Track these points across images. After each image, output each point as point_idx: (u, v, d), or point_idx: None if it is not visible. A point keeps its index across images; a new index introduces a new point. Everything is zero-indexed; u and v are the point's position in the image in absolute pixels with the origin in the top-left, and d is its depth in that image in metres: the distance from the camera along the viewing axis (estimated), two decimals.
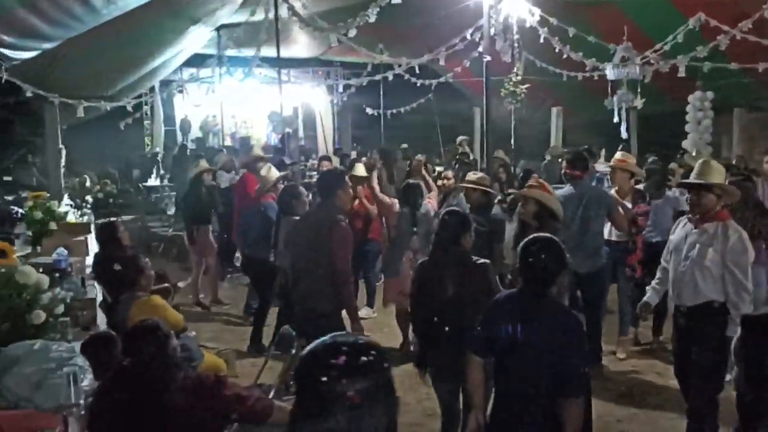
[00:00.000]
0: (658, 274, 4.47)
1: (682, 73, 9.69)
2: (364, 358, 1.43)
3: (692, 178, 4.12)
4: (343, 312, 4.54)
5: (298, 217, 5.46)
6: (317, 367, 1.42)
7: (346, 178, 4.71)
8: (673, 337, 4.43)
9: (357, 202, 6.87)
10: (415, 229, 5.92)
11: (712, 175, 4.06)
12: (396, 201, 6.51)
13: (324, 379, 1.40)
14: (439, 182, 6.90)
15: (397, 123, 17.28)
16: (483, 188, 5.84)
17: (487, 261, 3.83)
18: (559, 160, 10.11)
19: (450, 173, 7.17)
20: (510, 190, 6.27)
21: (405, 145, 13.11)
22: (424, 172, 7.58)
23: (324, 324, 4.38)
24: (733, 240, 3.93)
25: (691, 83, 12.27)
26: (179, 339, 4.19)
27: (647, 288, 4.59)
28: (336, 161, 9.47)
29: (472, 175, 6.02)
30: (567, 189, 5.73)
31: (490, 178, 6.32)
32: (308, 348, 1.49)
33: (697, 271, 4.00)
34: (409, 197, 6.10)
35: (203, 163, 8.70)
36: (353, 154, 14.40)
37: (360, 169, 7.36)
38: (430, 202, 6.29)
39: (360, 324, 4.54)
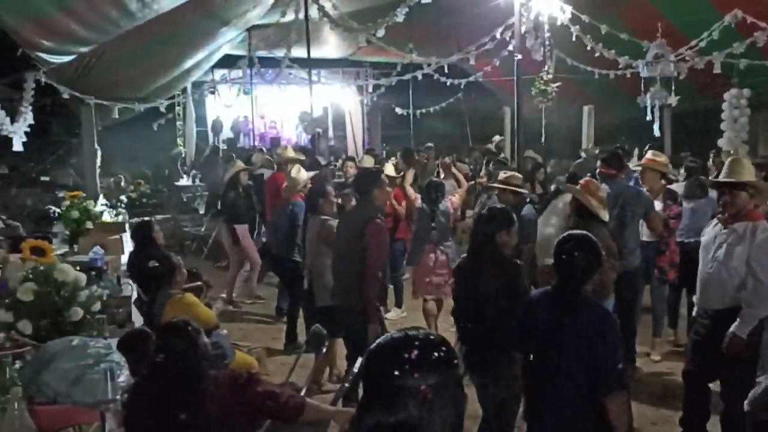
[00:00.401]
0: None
1: (717, 70, 9.52)
2: (435, 354, 1.42)
3: (723, 177, 4.01)
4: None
5: (324, 217, 5.53)
6: (389, 360, 1.42)
7: (383, 177, 4.78)
8: (691, 340, 4.29)
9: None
10: (433, 224, 6.21)
11: (743, 173, 3.95)
12: (419, 197, 6.81)
13: (396, 373, 1.39)
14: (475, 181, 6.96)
15: (427, 122, 17.26)
16: (513, 188, 5.80)
17: (519, 261, 3.79)
18: (594, 159, 10.00)
19: (483, 172, 7.21)
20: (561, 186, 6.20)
21: (430, 144, 13.07)
22: (454, 170, 7.59)
23: (359, 321, 4.44)
24: (760, 239, 3.81)
25: (726, 80, 12.02)
26: (211, 337, 4.25)
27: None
28: (370, 161, 9.45)
29: (502, 175, 5.99)
30: (605, 186, 5.64)
31: (522, 178, 6.31)
32: (378, 342, 1.49)
33: (724, 272, 3.90)
34: (431, 194, 6.39)
35: (239, 163, 8.80)
36: (383, 154, 14.43)
37: (389, 169, 7.37)
38: (451, 200, 6.54)
39: (376, 324, 4.49)
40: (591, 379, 2.84)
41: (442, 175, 10.27)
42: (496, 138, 14.59)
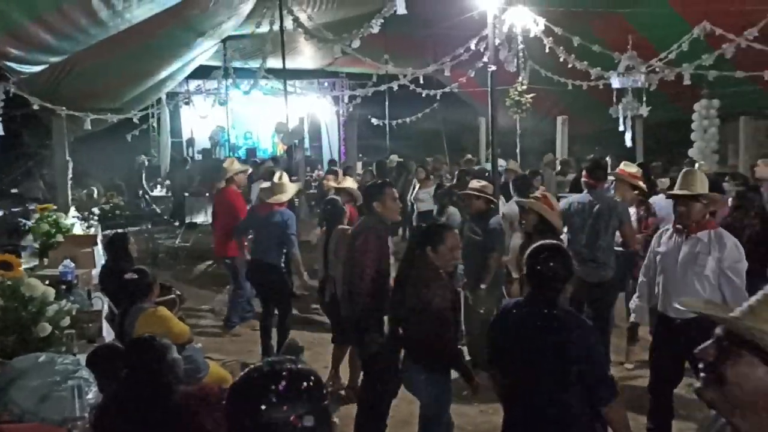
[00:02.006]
0: (640, 291, 4.39)
1: (687, 81, 9.70)
2: (304, 384, 1.41)
3: (677, 189, 4.07)
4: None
5: (344, 227, 5.57)
6: (255, 394, 1.39)
7: (387, 189, 4.68)
8: (655, 350, 4.30)
9: None
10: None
11: (696, 184, 4.02)
12: None
13: (263, 407, 1.37)
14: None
15: (403, 133, 17.33)
16: (486, 196, 5.84)
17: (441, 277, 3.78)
18: (552, 169, 10.15)
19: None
20: (518, 200, 6.24)
21: (395, 156, 13.16)
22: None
23: (356, 330, 4.48)
24: (730, 246, 3.90)
25: (696, 91, 12.26)
26: (185, 350, 4.21)
27: (631, 307, 4.49)
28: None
29: (475, 183, 6.04)
30: (582, 196, 5.69)
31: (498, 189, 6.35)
32: (244, 374, 1.46)
33: (696, 281, 3.94)
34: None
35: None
36: (359, 166, 14.45)
37: (349, 183, 7.22)
38: None
39: (375, 334, 4.49)
40: (576, 392, 2.82)
41: (417, 187, 10.34)
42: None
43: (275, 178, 6.74)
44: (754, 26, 8.87)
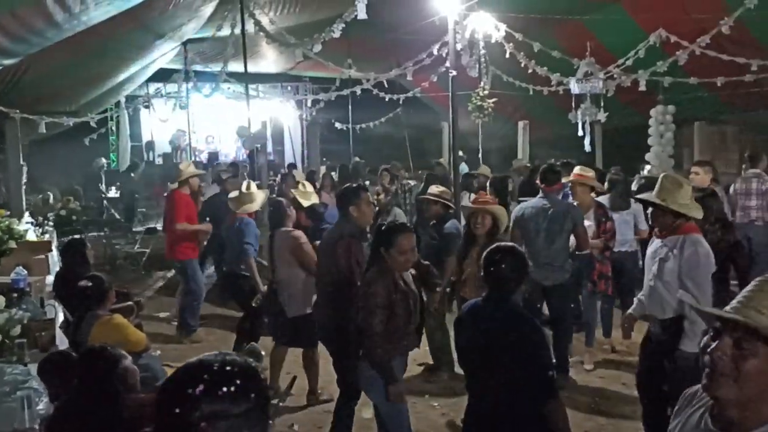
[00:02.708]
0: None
1: (643, 88, 9.90)
2: (225, 388, 1.32)
3: (653, 196, 4.01)
4: None
5: (288, 229, 5.54)
6: (175, 395, 1.32)
7: (362, 194, 4.66)
8: (643, 347, 4.36)
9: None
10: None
11: (672, 193, 3.97)
12: None
13: (177, 410, 1.30)
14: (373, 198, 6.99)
15: (366, 137, 17.35)
16: (444, 201, 5.89)
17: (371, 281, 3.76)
18: (519, 175, 10.26)
19: (380, 189, 7.25)
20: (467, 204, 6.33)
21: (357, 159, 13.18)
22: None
23: (337, 337, 4.45)
24: (688, 253, 3.88)
25: (653, 98, 12.54)
26: (141, 358, 4.13)
27: (635, 299, 4.47)
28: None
29: (434, 188, 6.08)
30: (536, 201, 5.77)
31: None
32: (173, 373, 1.39)
33: (660, 285, 3.99)
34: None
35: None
36: (323, 169, 14.39)
37: (313, 198, 7.15)
38: None
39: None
40: (524, 389, 2.87)
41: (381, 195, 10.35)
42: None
43: (243, 188, 6.65)
44: (707, 34, 9.10)
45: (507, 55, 10.67)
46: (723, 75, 10.21)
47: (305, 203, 6.99)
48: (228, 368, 1.36)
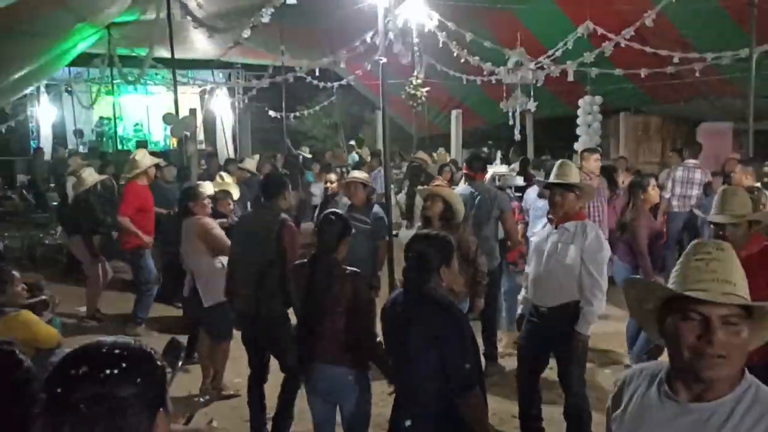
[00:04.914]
0: (525, 283, 4.39)
1: (571, 78, 10.11)
2: (108, 371, 1.28)
3: (553, 179, 4.12)
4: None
5: (198, 216, 5.38)
6: (58, 375, 1.29)
7: (288, 185, 4.76)
8: (524, 339, 4.35)
9: None
10: None
11: (571, 175, 4.11)
12: None
13: (59, 390, 1.27)
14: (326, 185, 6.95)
15: (301, 126, 17.15)
16: (372, 186, 5.89)
17: (357, 270, 3.59)
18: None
19: (333, 176, 7.21)
20: (421, 187, 6.31)
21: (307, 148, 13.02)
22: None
23: (284, 326, 4.35)
24: (591, 237, 3.98)
25: (582, 89, 12.85)
26: (54, 355, 3.93)
27: (519, 299, 4.51)
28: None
29: (358, 173, 6.05)
30: (463, 188, 5.82)
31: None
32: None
33: (560, 270, 4.02)
34: None
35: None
36: (256, 158, 14.10)
37: (208, 188, 6.69)
38: None
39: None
40: (444, 378, 2.84)
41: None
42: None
43: (217, 179, 6.50)
44: (631, 26, 9.34)
45: (440, 45, 10.70)
46: (646, 67, 10.54)
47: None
48: (116, 351, 1.32)
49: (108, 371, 1.28)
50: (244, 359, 4.85)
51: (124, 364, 1.30)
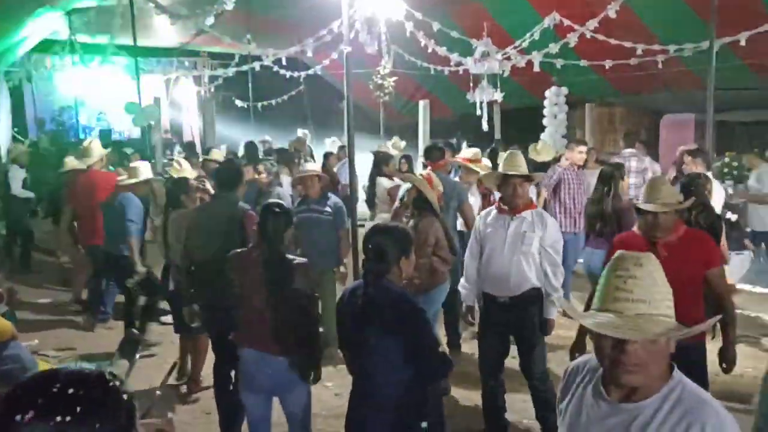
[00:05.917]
0: (467, 274, 4.36)
1: (537, 69, 10.15)
2: (59, 417, 1.07)
3: (507, 170, 4.10)
4: None
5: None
6: (1, 421, 1.08)
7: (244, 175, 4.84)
8: (484, 330, 4.33)
9: None
10: None
11: (523, 165, 4.13)
12: None
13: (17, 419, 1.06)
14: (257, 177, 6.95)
15: (268, 115, 16.97)
16: (317, 174, 5.88)
17: (305, 261, 3.56)
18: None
19: (262, 167, 7.17)
20: (405, 175, 6.35)
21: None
22: None
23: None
24: (551, 225, 4.09)
25: (549, 79, 12.96)
26: (7, 349, 3.85)
27: (461, 291, 4.48)
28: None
29: (313, 165, 6.07)
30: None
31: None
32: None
33: (523, 259, 4.05)
34: None
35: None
36: (223, 148, 13.94)
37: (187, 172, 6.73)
38: None
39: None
40: (409, 370, 2.84)
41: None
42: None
43: (175, 165, 6.55)
44: (596, 17, 9.41)
45: (408, 34, 10.66)
46: (611, 58, 10.65)
47: None
48: (70, 391, 1.10)
49: (59, 418, 1.06)
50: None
51: (79, 408, 1.08)
